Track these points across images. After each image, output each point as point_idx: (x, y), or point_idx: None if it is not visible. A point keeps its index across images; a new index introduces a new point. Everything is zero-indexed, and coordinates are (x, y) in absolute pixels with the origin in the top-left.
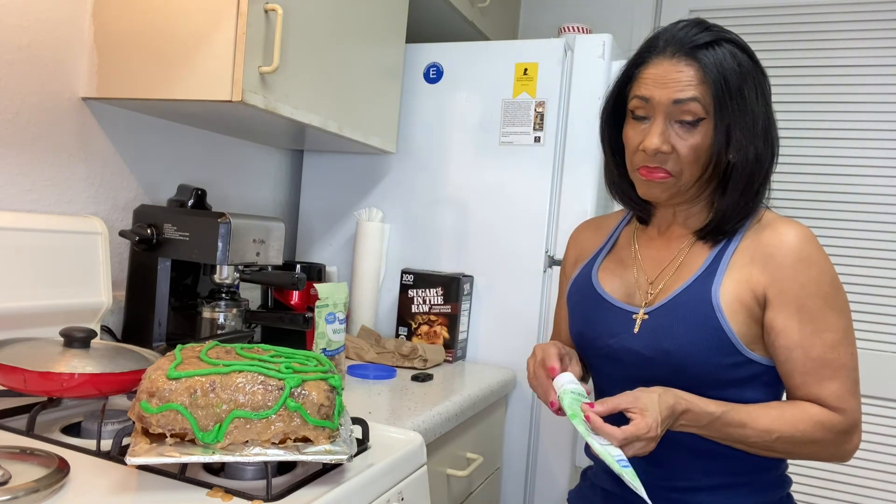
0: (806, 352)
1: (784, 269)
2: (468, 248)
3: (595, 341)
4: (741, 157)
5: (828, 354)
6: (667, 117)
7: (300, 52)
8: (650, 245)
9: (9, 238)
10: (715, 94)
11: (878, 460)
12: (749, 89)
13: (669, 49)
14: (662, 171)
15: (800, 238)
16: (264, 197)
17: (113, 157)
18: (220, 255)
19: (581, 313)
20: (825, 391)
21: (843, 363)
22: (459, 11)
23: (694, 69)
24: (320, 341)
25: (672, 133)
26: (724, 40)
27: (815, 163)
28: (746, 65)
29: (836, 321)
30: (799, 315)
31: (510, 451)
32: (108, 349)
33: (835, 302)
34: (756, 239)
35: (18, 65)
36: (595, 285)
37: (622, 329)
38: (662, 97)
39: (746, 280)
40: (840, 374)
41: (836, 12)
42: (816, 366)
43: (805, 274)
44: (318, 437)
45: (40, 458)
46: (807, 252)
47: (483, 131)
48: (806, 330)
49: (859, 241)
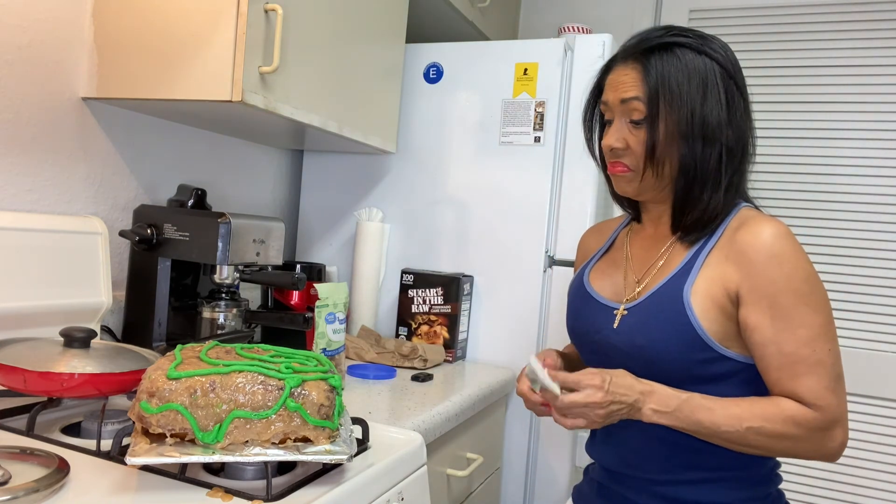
0: (779, 348)
1: (755, 265)
2: (468, 248)
3: (583, 336)
4: (683, 152)
5: (802, 350)
6: (621, 116)
7: (300, 51)
8: (640, 245)
9: (9, 238)
10: (651, 93)
11: (878, 460)
12: (693, 89)
13: (622, 55)
14: (621, 165)
15: (773, 234)
16: (264, 197)
17: (113, 157)
18: (220, 255)
19: (573, 309)
20: (801, 387)
21: (819, 359)
22: (459, 11)
23: (637, 71)
24: (320, 341)
25: (626, 131)
26: (677, 45)
27: (813, 163)
28: (698, 66)
29: (810, 317)
30: (771, 311)
31: (510, 451)
32: (108, 349)
33: (809, 298)
34: (731, 237)
35: (18, 65)
36: (586, 283)
37: (604, 324)
38: (614, 98)
39: (720, 278)
40: (816, 370)
41: (835, 12)
42: (790, 361)
43: (776, 270)
44: (318, 437)
45: (40, 458)
46: (778, 248)
47: (483, 131)
48: (778, 326)
49: (858, 241)
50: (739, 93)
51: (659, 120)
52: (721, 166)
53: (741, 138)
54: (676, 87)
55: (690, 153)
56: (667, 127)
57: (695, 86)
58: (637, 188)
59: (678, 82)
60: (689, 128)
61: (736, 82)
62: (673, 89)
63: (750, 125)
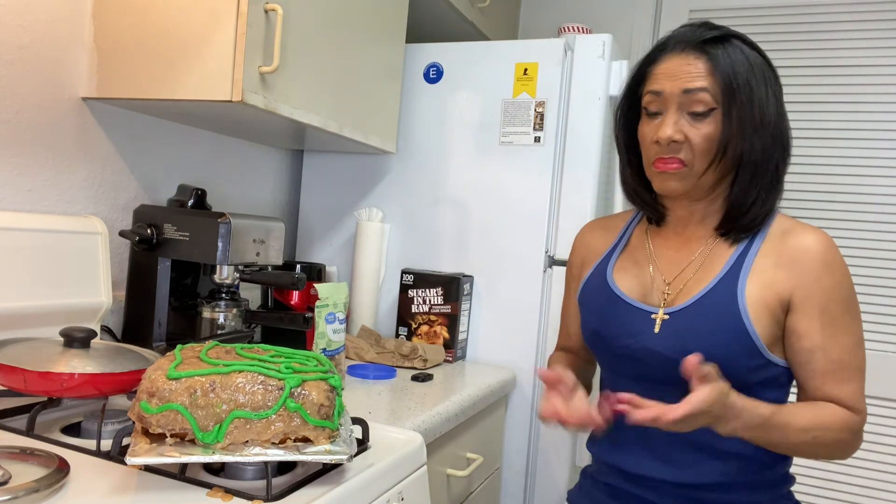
0: (826, 354)
1: (810, 273)
2: (468, 248)
3: (612, 340)
4: (748, 147)
5: (845, 357)
6: (679, 108)
7: (300, 51)
8: (666, 245)
9: (9, 238)
10: (724, 85)
11: (878, 460)
12: (758, 83)
13: (679, 46)
14: (676, 161)
15: (825, 244)
16: (264, 197)
17: (113, 157)
18: (220, 255)
19: (596, 312)
20: (844, 392)
21: (858, 366)
22: (459, 11)
23: (703, 62)
24: (320, 341)
25: (684, 123)
26: (732, 36)
27: (815, 163)
28: (756, 60)
29: (852, 325)
30: (821, 318)
31: (510, 451)
32: (108, 349)
33: (852, 307)
34: (780, 243)
35: (18, 65)
36: (610, 284)
37: (641, 329)
38: (674, 88)
39: (771, 283)
40: (856, 376)
41: (836, 12)
42: (835, 368)
43: (830, 279)
44: (318, 437)
45: (40, 458)
46: (831, 258)
47: (483, 131)
48: (827, 332)
49: (861, 241)
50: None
51: (729, 113)
52: (779, 164)
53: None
54: (745, 80)
55: (755, 149)
56: (735, 121)
57: (759, 80)
58: (689, 185)
59: (746, 77)
60: (758, 122)
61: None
62: (742, 82)
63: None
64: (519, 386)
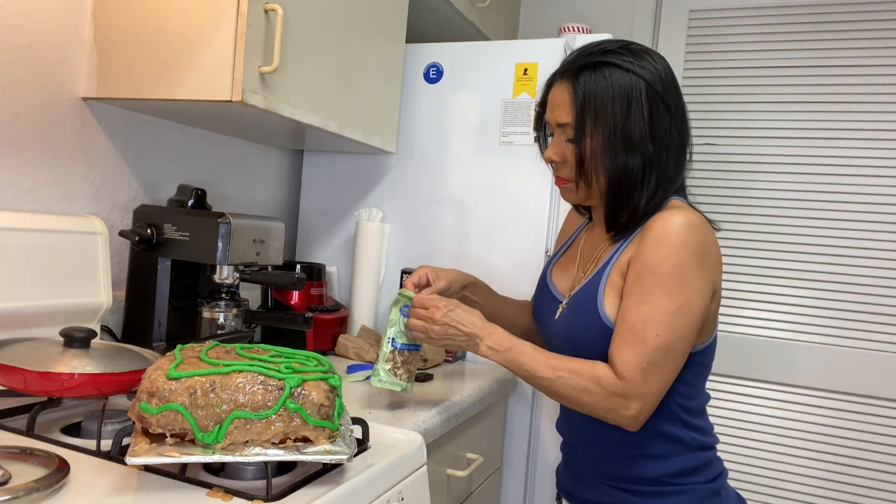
0: (623, 315)
1: (643, 244)
2: (468, 248)
3: (539, 323)
4: (608, 164)
5: (637, 325)
6: (558, 133)
7: (300, 52)
8: (589, 243)
9: (9, 238)
10: (577, 112)
11: (878, 460)
12: (616, 106)
13: (558, 75)
14: (561, 179)
15: (668, 222)
16: (264, 197)
17: (113, 157)
18: (220, 255)
19: (535, 298)
20: (618, 353)
21: (645, 338)
22: (459, 11)
23: (568, 92)
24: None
25: (563, 146)
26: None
27: (814, 163)
28: (624, 83)
29: (661, 301)
30: (634, 284)
31: (510, 451)
32: (108, 349)
33: (668, 284)
34: (642, 228)
35: (18, 65)
36: (547, 276)
37: (550, 315)
38: (551, 119)
39: (624, 262)
40: (636, 346)
41: (836, 12)
42: (624, 329)
43: (653, 250)
44: (318, 437)
45: (40, 458)
46: (664, 233)
47: (483, 131)
48: (632, 298)
49: (858, 240)
50: (666, 106)
51: (585, 137)
52: (644, 174)
53: (666, 148)
54: (601, 106)
55: (615, 165)
56: (593, 143)
57: (618, 103)
58: (580, 197)
59: (602, 101)
60: (613, 142)
61: (663, 97)
62: (598, 108)
63: (681, 135)
64: (519, 386)
